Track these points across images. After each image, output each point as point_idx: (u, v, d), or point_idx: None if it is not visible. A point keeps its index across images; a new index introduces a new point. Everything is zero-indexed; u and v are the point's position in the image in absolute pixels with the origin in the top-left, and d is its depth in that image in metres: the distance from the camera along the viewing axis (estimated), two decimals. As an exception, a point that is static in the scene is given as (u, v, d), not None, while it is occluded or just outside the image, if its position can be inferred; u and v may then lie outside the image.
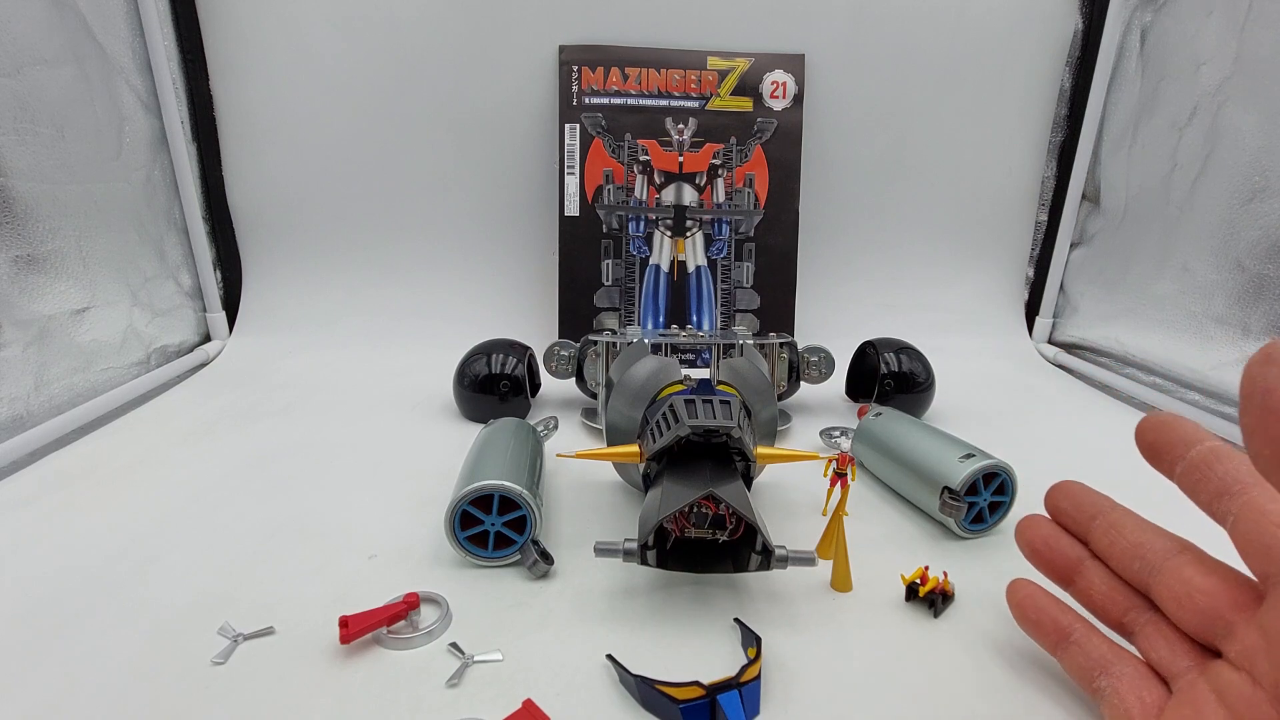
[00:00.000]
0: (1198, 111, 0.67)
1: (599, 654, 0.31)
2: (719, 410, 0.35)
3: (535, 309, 0.81)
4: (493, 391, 0.58)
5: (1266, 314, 0.59)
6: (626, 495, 0.46)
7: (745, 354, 0.54)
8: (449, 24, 0.75)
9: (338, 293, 0.81)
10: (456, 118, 0.78)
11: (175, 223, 0.75)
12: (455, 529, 0.37)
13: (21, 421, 0.53)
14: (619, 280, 0.77)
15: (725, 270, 0.77)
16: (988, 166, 0.83)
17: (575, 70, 0.75)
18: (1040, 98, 0.81)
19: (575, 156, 0.76)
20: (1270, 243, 0.59)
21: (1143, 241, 0.74)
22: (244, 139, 0.77)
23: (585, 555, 0.35)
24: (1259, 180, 0.60)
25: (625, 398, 0.42)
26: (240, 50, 0.74)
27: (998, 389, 0.71)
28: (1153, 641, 0.25)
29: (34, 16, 0.56)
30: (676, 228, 0.77)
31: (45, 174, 0.56)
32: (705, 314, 0.77)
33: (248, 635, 0.32)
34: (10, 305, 0.53)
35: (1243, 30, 0.62)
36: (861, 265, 0.84)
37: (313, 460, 0.51)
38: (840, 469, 0.38)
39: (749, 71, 0.76)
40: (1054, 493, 0.31)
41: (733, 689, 0.27)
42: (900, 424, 0.48)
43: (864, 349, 0.64)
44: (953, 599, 0.35)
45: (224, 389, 0.67)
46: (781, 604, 0.35)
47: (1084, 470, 0.52)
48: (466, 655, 0.31)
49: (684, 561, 0.35)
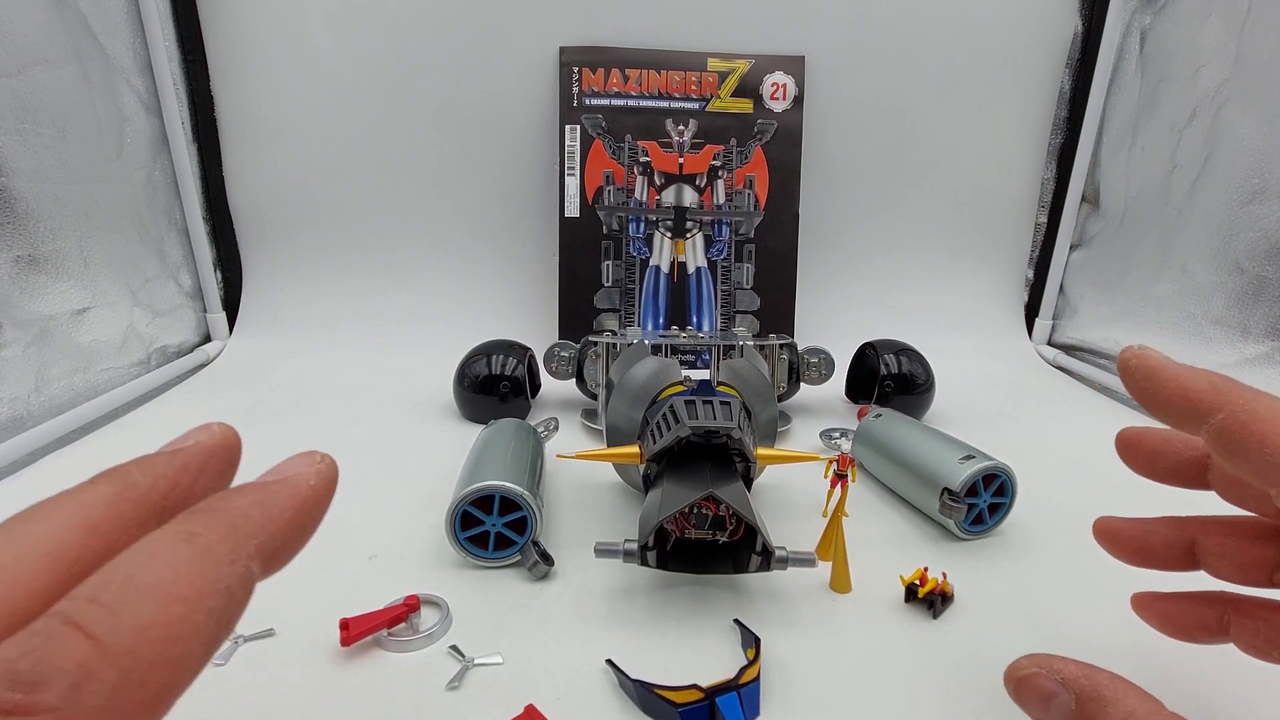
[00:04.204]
0: (1197, 113, 0.67)
1: (599, 656, 0.31)
2: (719, 411, 0.35)
3: (535, 310, 0.81)
4: (493, 392, 0.58)
5: (1265, 316, 0.59)
6: (626, 496, 0.46)
7: (745, 355, 0.54)
8: (450, 25, 0.75)
9: (338, 293, 0.81)
10: (457, 119, 0.78)
11: (176, 223, 0.75)
12: (456, 529, 0.37)
13: (21, 421, 0.53)
14: (619, 281, 0.77)
15: (725, 271, 0.77)
16: (988, 168, 0.83)
17: (576, 71, 0.75)
18: (1040, 99, 0.82)
19: (575, 158, 0.76)
20: (1269, 244, 0.59)
21: (1142, 243, 0.74)
22: (244, 139, 0.77)
23: (585, 556, 0.35)
24: (1258, 182, 0.60)
25: (625, 399, 0.42)
26: (241, 51, 0.74)
27: (997, 390, 0.71)
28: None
29: (35, 17, 0.56)
30: (676, 229, 0.77)
31: (46, 174, 0.56)
32: (705, 315, 0.77)
33: (248, 637, 0.32)
34: (11, 305, 0.53)
35: (1241, 32, 0.62)
36: (861, 266, 0.84)
37: (313, 461, 0.51)
38: (840, 470, 0.38)
39: (749, 73, 0.76)
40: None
41: (731, 691, 0.27)
42: (900, 425, 0.48)
43: (864, 350, 0.64)
44: (952, 600, 0.35)
45: (224, 389, 0.67)
46: (781, 605, 0.35)
47: (1084, 471, 0.52)
48: (467, 658, 0.31)
49: (684, 562, 0.35)
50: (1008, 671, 0.24)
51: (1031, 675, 0.23)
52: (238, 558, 0.13)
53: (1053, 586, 0.37)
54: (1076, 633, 0.34)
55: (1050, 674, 0.23)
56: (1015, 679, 0.24)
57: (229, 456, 0.17)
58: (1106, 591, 0.28)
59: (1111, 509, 0.31)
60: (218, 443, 0.16)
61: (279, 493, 0.15)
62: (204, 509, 0.14)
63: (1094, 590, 0.36)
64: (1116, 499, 0.30)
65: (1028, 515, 0.43)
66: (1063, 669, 0.22)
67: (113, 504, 0.14)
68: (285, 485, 0.15)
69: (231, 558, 0.13)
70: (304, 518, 0.15)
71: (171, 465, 0.15)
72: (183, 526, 0.13)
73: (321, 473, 0.16)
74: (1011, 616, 0.35)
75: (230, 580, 0.13)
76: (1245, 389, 0.21)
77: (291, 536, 0.15)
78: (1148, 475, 0.26)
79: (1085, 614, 0.35)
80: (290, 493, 0.15)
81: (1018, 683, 0.23)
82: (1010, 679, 0.24)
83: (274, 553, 0.14)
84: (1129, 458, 0.26)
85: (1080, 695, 0.22)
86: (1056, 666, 0.23)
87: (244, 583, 0.13)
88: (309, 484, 0.15)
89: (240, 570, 0.13)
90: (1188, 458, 0.25)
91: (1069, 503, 0.45)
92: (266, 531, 0.14)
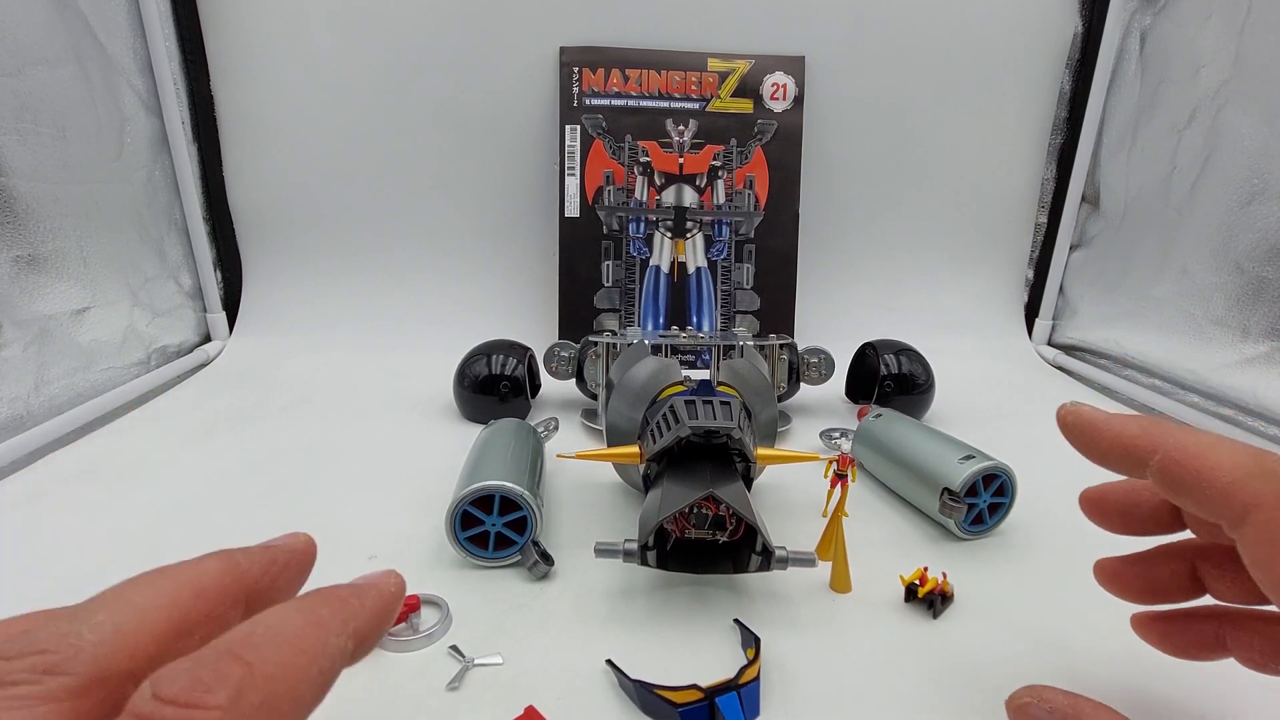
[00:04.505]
0: (1197, 114, 0.67)
1: (599, 656, 0.31)
2: (719, 411, 0.35)
3: (535, 310, 0.81)
4: (493, 392, 0.58)
5: (1265, 316, 0.59)
6: (626, 496, 0.46)
7: (745, 355, 0.54)
8: (450, 25, 0.75)
9: (338, 293, 0.81)
10: (457, 119, 0.78)
11: (176, 223, 0.75)
12: (456, 529, 0.37)
13: (21, 421, 0.53)
14: (619, 281, 0.77)
15: (725, 271, 0.77)
16: (988, 168, 0.83)
17: (576, 71, 0.75)
18: (1040, 100, 0.82)
19: (576, 158, 0.76)
20: (1269, 245, 0.59)
21: (1142, 244, 0.74)
22: (244, 139, 0.77)
23: (585, 556, 0.35)
24: (1258, 183, 0.60)
25: (625, 399, 0.42)
26: (241, 51, 0.74)
27: (997, 391, 0.71)
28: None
29: (35, 17, 0.56)
30: (677, 229, 0.77)
31: (46, 174, 0.56)
32: (705, 315, 0.77)
33: (248, 636, 0.32)
34: (11, 305, 0.53)
35: (1241, 33, 0.62)
36: (861, 267, 0.84)
37: (313, 461, 0.51)
38: (840, 470, 0.38)
39: (749, 73, 0.76)
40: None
41: (731, 691, 0.27)
42: (900, 425, 0.48)
43: (864, 350, 0.64)
44: (952, 600, 0.35)
45: (224, 389, 0.67)
46: (781, 605, 0.35)
47: (1084, 472, 0.52)
48: (467, 658, 0.31)
49: (684, 562, 0.35)
50: (1008, 701, 0.25)
51: (1025, 705, 0.25)
52: (342, 632, 0.17)
53: (1052, 586, 0.37)
54: (1075, 633, 0.33)
55: (1041, 703, 0.24)
56: (1013, 708, 0.25)
57: (308, 561, 0.20)
58: (1106, 592, 0.28)
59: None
60: (303, 547, 0.20)
61: (370, 592, 0.19)
62: (319, 593, 0.18)
63: (1093, 590, 0.36)
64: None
65: (1028, 515, 0.43)
66: (1051, 699, 0.24)
67: (220, 577, 0.17)
68: (374, 587, 0.19)
69: (339, 631, 0.17)
70: (385, 613, 0.19)
71: (266, 556, 0.19)
72: (305, 603, 0.17)
73: (397, 582, 0.20)
74: (1011, 616, 0.35)
75: (335, 648, 0.16)
76: (1174, 429, 0.22)
77: (376, 626, 0.18)
78: (1125, 532, 0.27)
79: (1085, 614, 0.35)
80: (378, 593, 0.19)
81: (1015, 711, 0.25)
82: (1010, 707, 0.25)
83: (364, 636, 0.18)
84: (1099, 518, 0.27)
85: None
86: (1046, 696, 0.24)
87: (343, 654, 0.16)
88: (390, 590, 0.19)
89: (342, 643, 0.16)
90: (1156, 504, 0.26)
91: (1069, 503, 0.45)
92: (361, 618, 0.18)
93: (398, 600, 0.20)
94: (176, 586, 0.16)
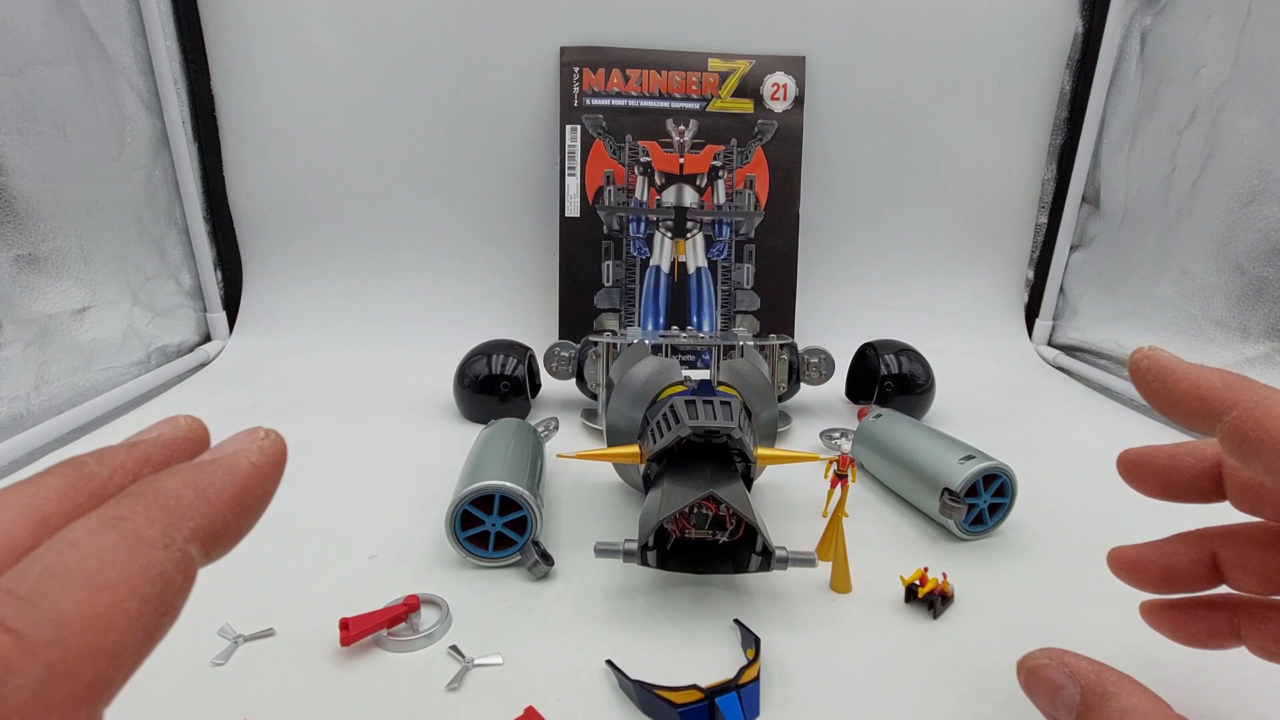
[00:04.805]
0: (1197, 114, 0.67)
1: (599, 657, 0.31)
2: (719, 411, 0.35)
3: (535, 310, 0.81)
4: (493, 392, 0.58)
5: (1266, 316, 0.59)
6: (626, 496, 0.46)
7: (745, 355, 0.54)
8: (450, 25, 0.75)
9: (338, 293, 0.81)
10: (457, 118, 0.78)
11: (176, 222, 0.75)
12: (456, 529, 0.37)
13: (21, 421, 0.53)
14: (619, 281, 0.77)
15: (725, 271, 0.77)
16: (988, 168, 0.83)
17: (576, 71, 0.75)
18: (1040, 100, 0.82)
19: (576, 158, 0.76)
20: (1269, 245, 0.59)
21: (1142, 244, 0.74)
22: (245, 139, 0.77)
23: (585, 556, 0.35)
24: (1258, 183, 0.60)
25: (626, 399, 0.42)
26: (241, 50, 0.74)
27: (997, 391, 0.71)
28: None
29: (36, 16, 0.56)
30: (677, 229, 0.77)
31: (47, 173, 0.56)
32: (705, 315, 0.77)
33: (248, 637, 0.32)
34: (11, 304, 0.53)
35: (1242, 33, 0.62)
36: (862, 267, 0.84)
37: (313, 460, 0.51)
38: (840, 470, 0.38)
39: (750, 73, 0.76)
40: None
41: (731, 691, 0.27)
42: (900, 425, 0.48)
43: (864, 350, 0.64)
44: (952, 600, 0.35)
45: (224, 389, 0.67)
46: (781, 605, 0.35)
47: (1084, 472, 0.52)
48: (467, 658, 0.31)
49: (684, 562, 0.35)
50: (1020, 662, 0.24)
51: (1042, 666, 0.23)
52: (172, 541, 0.13)
53: (1053, 586, 0.37)
54: (1076, 633, 0.33)
55: (1060, 666, 0.23)
56: (1027, 669, 0.24)
57: (194, 451, 0.16)
58: (1106, 592, 0.28)
59: (1111, 509, 0.31)
60: (182, 435, 0.16)
61: (215, 472, 0.14)
62: (133, 492, 0.13)
63: (1094, 590, 0.36)
64: (1116, 499, 0.30)
65: (1028, 515, 0.43)
66: (1073, 663, 0.23)
67: (65, 496, 0.13)
68: (222, 464, 0.14)
69: (164, 541, 0.13)
70: (246, 497, 0.14)
71: (130, 457, 0.15)
72: (109, 511, 0.13)
73: (265, 449, 0.15)
74: (1011, 617, 0.35)
75: (165, 565, 0.12)
76: (1260, 386, 0.21)
77: (234, 517, 0.14)
78: (1161, 496, 0.25)
79: (1085, 614, 0.35)
80: (228, 471, 0.14)
81: (1029, 673, 0.24)
82: (1022, 669, 0.24)
83: (215, 535, 0.14)
84: (1138, 480, 0.26)
85: (1086, 689, 0.22)
86: (1068, 660, 0.23)
87: (182, 567, 0.13)
88: (250, 461, 0.15)
89: (176, 554, 0.13)
90: (1199, 470, 0.24)
91: (1069, 503, 0.45)
92: (203, 513, 0.13)
93: (266, 472, 0.15)
94: (8, 520, 0.13)
